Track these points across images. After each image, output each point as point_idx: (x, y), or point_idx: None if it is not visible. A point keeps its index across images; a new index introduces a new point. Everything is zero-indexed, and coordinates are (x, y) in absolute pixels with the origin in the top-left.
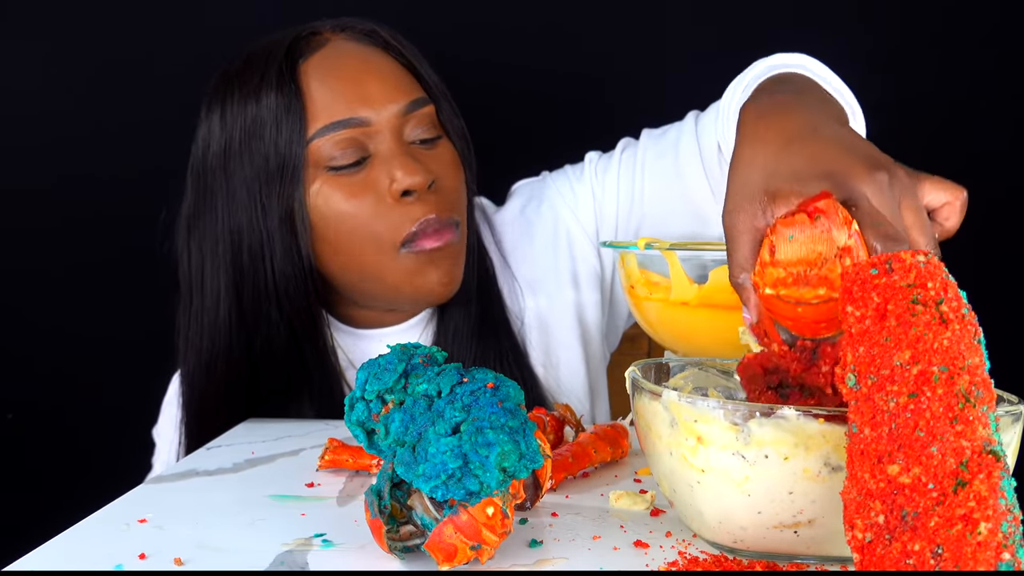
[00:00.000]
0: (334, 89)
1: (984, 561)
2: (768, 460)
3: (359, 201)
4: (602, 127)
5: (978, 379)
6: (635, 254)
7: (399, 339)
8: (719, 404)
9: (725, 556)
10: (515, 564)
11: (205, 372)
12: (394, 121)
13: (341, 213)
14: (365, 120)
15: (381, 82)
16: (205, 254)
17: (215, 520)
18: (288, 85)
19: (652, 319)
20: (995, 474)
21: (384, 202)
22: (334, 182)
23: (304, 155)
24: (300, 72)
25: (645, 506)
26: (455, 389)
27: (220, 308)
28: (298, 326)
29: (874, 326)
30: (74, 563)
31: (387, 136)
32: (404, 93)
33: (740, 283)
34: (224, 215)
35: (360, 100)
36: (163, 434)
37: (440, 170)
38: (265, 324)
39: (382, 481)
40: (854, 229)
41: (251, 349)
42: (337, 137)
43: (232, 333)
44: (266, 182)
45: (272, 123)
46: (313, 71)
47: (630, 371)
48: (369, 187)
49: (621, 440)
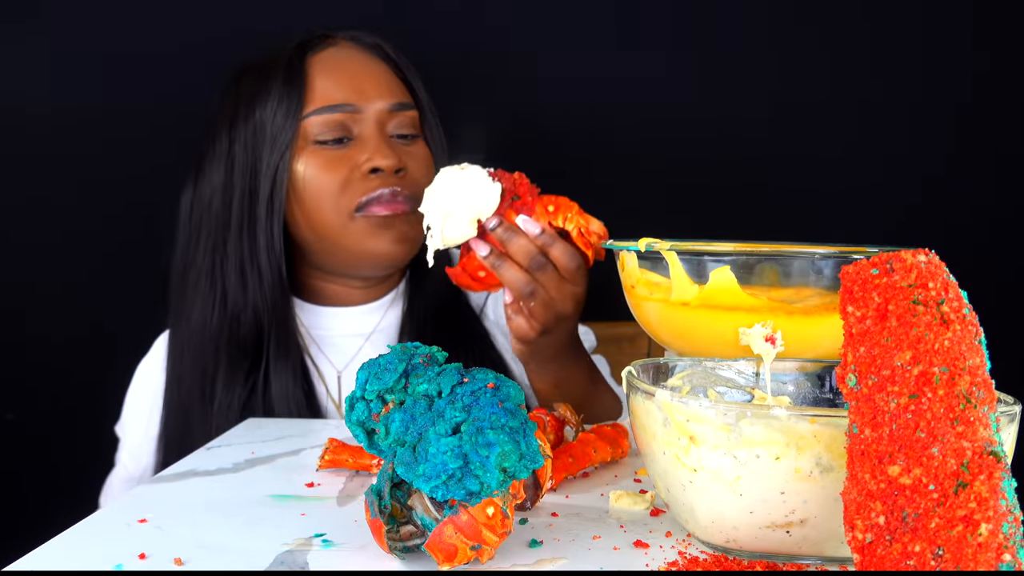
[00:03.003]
0: (333, 80)
1: (985, 562)
2: (760, 460)
3: (334, 172)
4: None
5: (979, 380)
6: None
7: (366, 316)
8: (711, 404)
9: (725, 556)
10: (515, 564)
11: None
12: (379, 114)
13: (315, 180)
14: (355, 108)
15: (374, 81)
16: (203, 205)
17: (215, 520)
18: (294, 73)
19: (652, 319)
20: (996, 475)
21: (354, 175)
22: (317, 154)
23: (296, 129)
24: (308, 62)
25: (645, 506)
26: (455, 389)
27: (207, 258)
28: (268, 293)
29: (875, 326)
30: (74, 563)
31: (371, 124)
32: (393, 95)
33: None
34: (221, 169)
35: (353, 91)
36: (127, 427)
37: (411, 163)
38: (240, 281)
39: (382, 481)
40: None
41: (225, 306)
42: (327, 117)
43: (215, 288)
44: (259, 146)
45: (275, 98)
46: (318, 63)
47: (627, 370)
48: (345, 162)
49: (621, 440)
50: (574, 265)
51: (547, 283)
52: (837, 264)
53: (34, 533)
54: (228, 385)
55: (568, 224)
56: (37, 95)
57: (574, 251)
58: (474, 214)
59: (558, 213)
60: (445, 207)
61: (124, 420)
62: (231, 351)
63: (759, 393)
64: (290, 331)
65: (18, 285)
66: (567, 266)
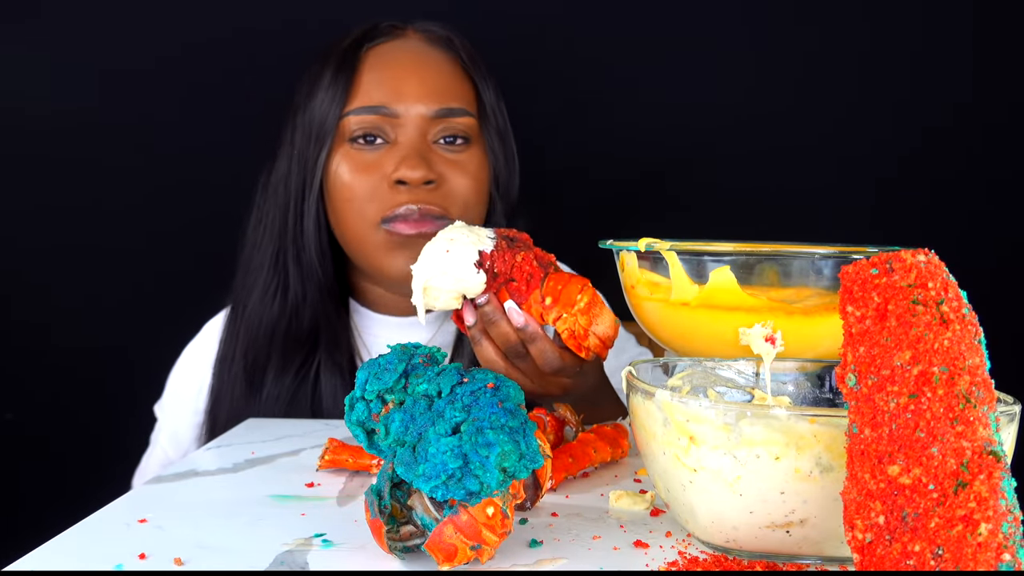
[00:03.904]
0: (379, 78)
1: (984, 562)
2: (759, 460)
3: (363, 176)
4: (602, 127)
5: (979, 380)
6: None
7: (414, 331)
8: (711, 404)
9: (725, 556)
10: (515, 564)
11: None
12: (419, 120)
13: (346, 183)
14: (393, 112)
15: (422, 83)
16: (268, 199)
17: (215, 520)
18: (346, 65)
19: (652, 319)
20: (995, 475)
21: (381, 184)
22: (351, 155)
23: (337, 126)
24: (362, 56)
25: (645, 506)
26: (455, 389)
27: (271, 245)
28: (321, 289)
29: (874, 326)
30: (74, 563)
31: (409, 130)
32: (442, 99)
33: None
34: (284, 164)
35: (396, 93)
36: (167, 408)
37: (450, 173)
38: (298, 273)
39: (382, 481)
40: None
41: (286, 297)
42: (364, 118)
43: (276, 276)
44: (309, 138)
45: (323, 91)
46: (372, 58)
47: (627, 370)
48: (376, 167)
49: (621, 440)
50: (553, 368)
51: (526, 371)
52: (837, 264)
53: (33, 533)
54: (278, 377)
55: (560, 325)
56: (36, 96)
57: (557, 353)
58: (458, 293)
59: (553, 308)
60: (427, 280)
61: (165, 402)
62: (286, 343)
63: (759, 393)
64: (342, 330)
65: (18, 286)
66: (545, 366)
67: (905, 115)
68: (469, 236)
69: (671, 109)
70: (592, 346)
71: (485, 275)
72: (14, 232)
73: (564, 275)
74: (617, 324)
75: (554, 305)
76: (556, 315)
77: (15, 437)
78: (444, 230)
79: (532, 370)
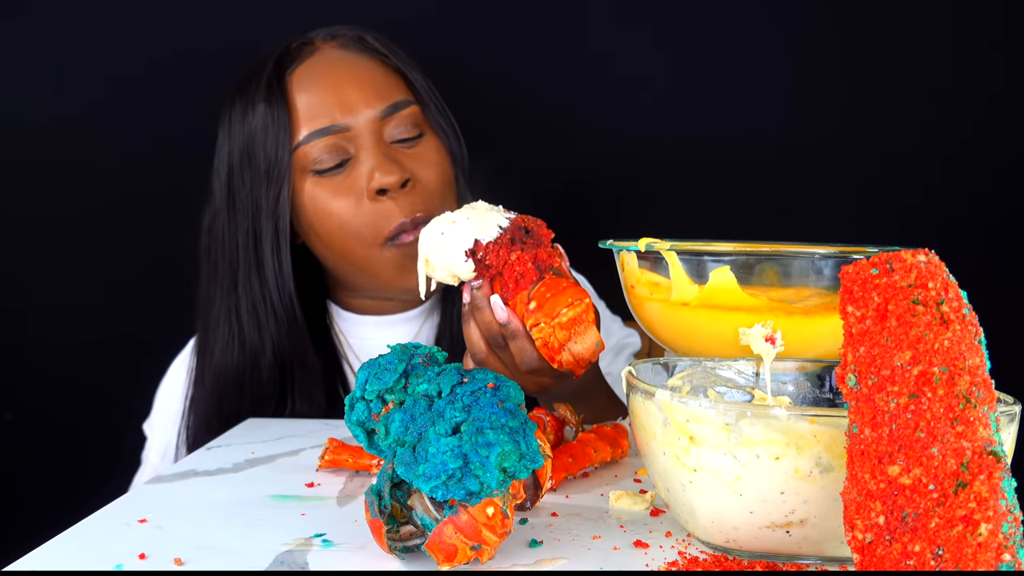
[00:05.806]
0: (316, 98)
1: (984, 562)
2: (759, 460)
3: (342, 200)
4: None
5: (979, 380)
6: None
7: (401, 327)
8: (711, 404)
9: (725, 556)
10: (515, 564)
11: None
12: (372, 125)
13: (327, 211)
14: (344, 126)
15: (359, 89)
16: (216, 242)
17: (215, 520)
18: (275, 96)
19: (652, 320)
20: (996, 475)
21: (363, 200)
22: (320, 184)
23: (291, 161)
24: (287, 82)
25: (645, 506)
26: (455, 389)
27: (223, 301)
28: (285, 334)
29: (874, 326)
30: (74, 563)
31: (366, 139)
32: (383, 97)
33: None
34: (224, 207)
35: (339, 107)
36: (156, 426)
37: (418, 168)
38: (254, 323)
39: (382, 481)
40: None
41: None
42: (320, 144)
43: (232, 329)
44: (256, 183)
45: (262, 131)
46: (298, 81)
47: (627, 370)
48: (351, 187)
49: (621, 440)
50: (530, 367)
51: (505, 362)
52: (837, 264)
53: (32, 534)
54: (254, 414)
55: (536, 332)
56: (35, 100)
57: (536, 355)
58: (452, 274)
59: (535, 314)
60: (426, 254)
61: (153, 419)
62: (254, 395)
63: (759, 393)
64: (315, 364)
65: (18, 287)
66: (523, 364)
67: (905, 115)
68: (474, 221)
69: (671, 108)
70: (564, 361)
71: (474, 264)
72: (12, 234)
73: (561, 283)
74: (599, 348)
75: (536, 311)
76: (535, 321)
77: (15, 437)
78: (459, 209)
79: (511, 363)
